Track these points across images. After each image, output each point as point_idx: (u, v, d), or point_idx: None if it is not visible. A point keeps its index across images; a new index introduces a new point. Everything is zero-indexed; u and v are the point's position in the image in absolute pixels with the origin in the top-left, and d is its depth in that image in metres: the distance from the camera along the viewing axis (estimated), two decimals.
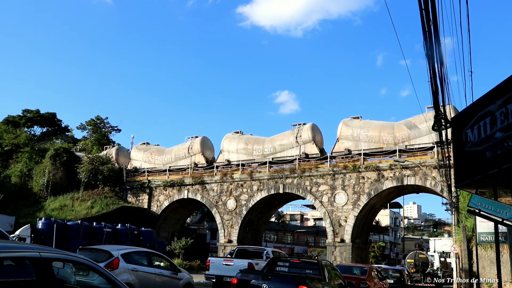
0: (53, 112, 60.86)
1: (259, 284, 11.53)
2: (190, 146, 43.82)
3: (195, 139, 44.21)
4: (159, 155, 46.06)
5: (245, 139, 41.40)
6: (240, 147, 41.07)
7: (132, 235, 32.11)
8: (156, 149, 47.16)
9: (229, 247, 38.72)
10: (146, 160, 46.55)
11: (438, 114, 10.70)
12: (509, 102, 4.98)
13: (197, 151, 43.35)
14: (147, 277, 13.92)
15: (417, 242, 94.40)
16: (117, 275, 11.84)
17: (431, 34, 7.64)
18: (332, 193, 35.57)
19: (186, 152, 43.98)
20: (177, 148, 45.43)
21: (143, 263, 14.32)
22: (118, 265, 13.15)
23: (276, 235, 70.40)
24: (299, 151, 37.61)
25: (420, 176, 32.48)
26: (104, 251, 13.70)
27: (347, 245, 34.40)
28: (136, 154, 47.84)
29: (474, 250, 19.71)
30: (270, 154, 39.14)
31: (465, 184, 6.05)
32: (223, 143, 42.29)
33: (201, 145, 43.54)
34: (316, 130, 38.23)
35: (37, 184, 45.37)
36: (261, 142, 40.36)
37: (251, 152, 40.35)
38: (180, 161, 44.36)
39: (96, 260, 11.31)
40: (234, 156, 41.12)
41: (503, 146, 4.94)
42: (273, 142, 39.55)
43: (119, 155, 48.37)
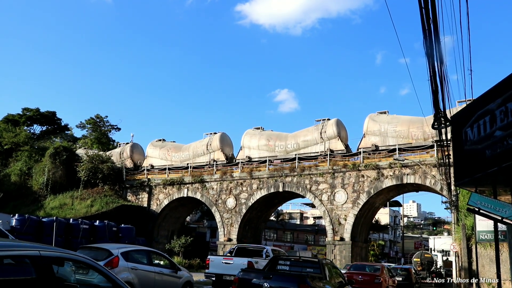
0: (53, 111, 60.87)
1: (260, 283, 11.61)
2: (209, 142, 42.82)
3: (213, 136, 43.09)
4: (176, 152, 45.22)
5: (266, 135, 40.49)
6: (261, 144, 40.18)
7: (111, 232, 31.46)
8: (173, 146, 46.28)
9: (228, 245, 38.73)
10: (162, 157, 45.73)
11: (438, 112, 10.71)
12: (508, 101, 4.98)
13: (216, 147, 42.36)
14: (147, 276, 13.92)
15: (416, 240, 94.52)
16: (116, 273, 11.85)
17: (431, 33, 7.64)
18: (332, 191, 35.59)
19: (205, 149, 43.01)
20: (195, 144, 44.50)
21: (142, 261, 14.33)
22: (118, 263, 13.16)
23: (276, 234, 70.44)
24: (324, 147, 36.74)
25: (419, 175, 32.50)
26: (103, 250, 13.71)
27: (347, 243, 34.42)
28: (152, 151, 46.91)
29: (473, 249, 19.74)
30: (293, 150, 38.34)
31: (464, 183, 6.06)
32: (244, 139, 41.32)
33: (221, 141, 42.56)
34: (341, 126, 37.38)
35: (36, 182, 45.36)
36: (284, 138, 39.50)
37: (273, 149, 39.52)
38: (198, 158, 43.46)
39: (95, 259, 11.19)
40: (255, 153, 40.28)
41: (502, 144, 4.95)
42: (296, 138, 38.71)
43: (133, 152, 47.81)
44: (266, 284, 11.48)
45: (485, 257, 18.83)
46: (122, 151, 47.82)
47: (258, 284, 11.60)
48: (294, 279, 11.36)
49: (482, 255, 18.96)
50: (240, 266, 17.83)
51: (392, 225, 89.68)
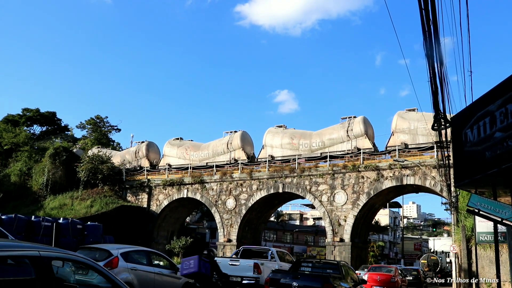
0: (53, 111, 60.85)
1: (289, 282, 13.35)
2: (229, 141, 41.61)
3: (234, 134, 41.95)
4: (195, 151, 44.00)
5: (290, 133, 39.40)
6: (284, 142, 39.07)
7: (75, 230, 30.43)
8: (191, 145, 45.17)
9: (228, 246, 38.74)
10: (180, 156, 44.57)
11: (438, 114, 10.71)
12: (508, 102, 4.98)
13: (237, 146, 41.14)
14: (147, 276, 13.93)
15: (416, 242, 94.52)
16: (116, 274, 11.80)
17: (431, 34, 7.64)
18: (332, 192, 35.59)
19: (225, 148, 41.86)
20: (215, 143, 43.37)
21: (142, 262, 14.33)
22: (118, 264, 13.21)
23: (276, 235, 70.42)
24: (350, 146, 35.81)
25: (419, 176, 32.50)
26: (103, 250, 13.76)
27: (347, 244, 34.41)
28: (169, 150, 45.60)
29: (473, 250, 19.74)
30: (319, 149, 37.35)
31: (464, 184, 6.05)
32: (266, 137, 40.20)
33: (242, 140, 41.37)
34: (367, 124, 36.58)
35: (36, 183, 45.36)
36: (308, 137, 38.41)
37: (297, 147, 38.38)
38: (218, 157, 42.24)
39: (95, 259, 11.99)
40: (278, 152, 39.22)
41: (502, 146, 4.94)
42: (321, 136, 37.62)
43: (149, 151, 46.77)
44: (294, 284, 13.15)
45: (485, 259, 18.83)
46: (137, 150, 46.92)
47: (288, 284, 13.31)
48: (319, 279, 13.04)
49: (482, 257, 18.96)
50: (246, 268, 18.78)
51: (392, 226, 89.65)
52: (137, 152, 46.99)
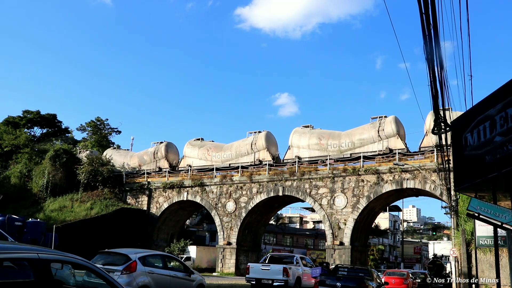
0: (53, 113, 60.92)
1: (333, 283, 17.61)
2: (254, 141, 40.54)
3: (258, 134, 40.84)
4: (217, 152, 42.99)
5: (317, 134, 38.29)
6: (312, 142, 38.01)
7: (12, 227, 29.09)
8: (213, 146, 44.15)
9: (228, 249, 38.73)
10: (201, 157, 43.67)
11: (438, 117, 10.73)
12: (508, 107, 5.00)
13: (262, 147, 40.17)
14: (163, 279, 14.53)
15: (416, 245, 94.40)
16: (135, 277, 13.34)
17: (431, 38, 7.66)
18: (332, 196, 35.59)
19: (249, 148, 40.77)
20: (238, 144, 42.32)
21: (158, 265, 14.95)
22: (136, 268, 13.75)
23: (275, 238, 70.30)
24: (382, 146, 34.92)
25: (419, 180, 32.51)
26: (122, 255, 14.28)
27: (346, 248, 34.39)
28: (190, 151, 44.68)
29: (473, 254, 19.71)
30: (348, 149, 36.34)
31: (464, 188, 6.07)
32: (292, 138, 39.12)
33: (266, 140, 40.29)
34: (399, 123, 35.52)
35: (36, 185, 45.35)
36: (337, 137, 37.36)
37: (325, 148, 37.33)
38: (241, 158, 41.19)
39: (114, 263, 13.61)
40: (305, 152, 38.10)
41: (502, 150, 4.96)
42: (351, 137, 36.61)
43: (168, 151, 46.07)
44: (338, 284, 17.41)
45: (485, 263, 18.81)
46: (156, 151, 46.09)
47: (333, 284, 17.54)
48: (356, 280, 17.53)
49: (481, 261, 18.94)
50: (277, 272, 21.61)
51: (392, 230, 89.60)
52: (156, 153, 46.10)
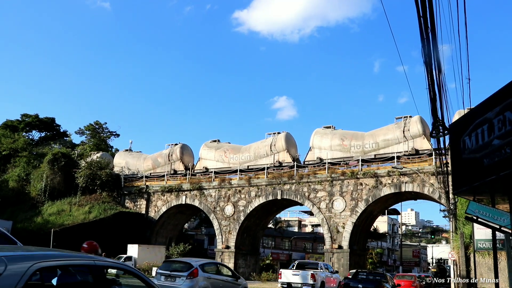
0: (52, 117, 60.92)
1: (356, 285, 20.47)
2: (273, 143, 39.72)
3: (278, 135, 40.05)
4: (235, 154, 42.03)
5: (340, 134, 37.40)
6: (334, 143, 37.11)
7: None
8: (230, 147, 43.25)
9: (226, 253, 38.67)
10: (218, 159, 42.63)
11: (436, 121, 10.74)
12: (506, 110, 5.01)
13: (282, 148, 39.24)
14: (217, 283, 17.30)
15: (415, 249, 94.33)
16: (197, 281, 16.24)
17: (429, 41, 7.68)
18: (330, 199, 35.57)
19: (268, 150, 39.85)
20: (257, 145, 41.35)
21: (213, 271, 17.83)
22: (198, 273, 16.47)
23: (274, 241, 70.23)
24: (407, 147, 33.93)
25: (418, 183, 32.52)
26: (185, 263, 17.27)
27: (345, 251, 34.36)
28: (206, 153, 43.71)
29: (471, 257, 19.71)
30: (372, 150, 35.41)
31: (463, 191, 6.07)
32: (313, 139, 38.18)
33: (286, 141, 39.41)
34: (425, 123, 34.26)
35: (34, 188, 45.29)
36: (360, 138, 36.50)
37: (348, 149, 36.42)
38: (260, 160, 40.25)
39: (179, 270, 16.72)
40: (328, 154, 37.19)
41: (500, 153, 4.96)
42: (375, 137, 35.76)
43: (183, 153, 45.19)
44: (360, 286, 20.17)
45: (483, 266, 18.81)
46: (171, 153, 45.18)
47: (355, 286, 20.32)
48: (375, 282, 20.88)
49: (480, 264, 18.95)
50: (305, 277, 23.94)
51: (390, 233, 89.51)
52: (171, 155, 45.11)
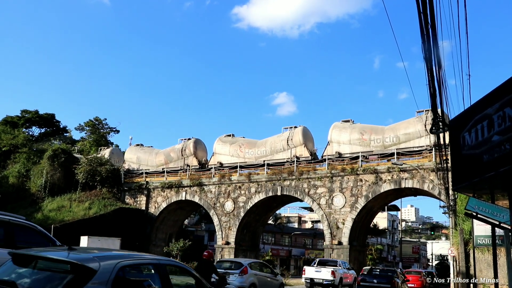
0: (51, 113, 60.87)
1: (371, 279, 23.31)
2: (290, 137, 38.87)
3: (294, 129, 39.22)
4: (250, 148, 41.16)
5: (359, 129, 36.65)
6: (353, 138, 36.35)
7: None
8: (245, 142, 42.31)
9: (226, 249, 38.73)
10: (233, 154, 41.70)
11: (436, 117, 10.74)
12: (506, 106, 5.01)
13: (299, 142, 38.46)
14: (262, 279, 20.77)
15: (414, 245, 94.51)
16: (247, 278, 19.76)
17: (429, 37, 7.67)
18: (330, 195, 35.59)
19: (285, 144, 39.05)
20: (273, 139, 40.58)
21: (258, 269, 21.33)
22: (247, 271, 20.01)
23: (274, 237, 70.31)
24: (429, 141, 33.21)
25: (418, 179, 32.53)
26: (237, 262, 21.27)
27: (345, 247, 34.40)
28: (220, 148, 42.75)
29: (471, 253, 19.75)
30: (393, 144, 34.59)
31: (462, 187, 6.08)
32: (332, 133, 37.43)
33: (303, 135, 38.60)
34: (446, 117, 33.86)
35: (34, 185, 45.31)
36: (380, 132, 35.80)
37: (368, 143, 35.66)
38: (277, 154, 39.58)
39: (232, 268, 20.38)
40: (346, 148, 36.48)
41: (500, 149, 4.97)
42: (395, 131, 35.06)
43: (197, 148, 44.45)
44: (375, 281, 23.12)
45: (483, 262, 18.85)
46: (184, 148, 44.52)
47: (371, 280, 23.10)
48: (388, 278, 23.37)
49: (479, 260, 18.99)
50: (326, 273, 26.82)
51: (390, 229, 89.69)
52: (184, 150, 44.31)
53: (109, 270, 5.22)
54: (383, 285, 22.59)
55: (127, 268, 5.68)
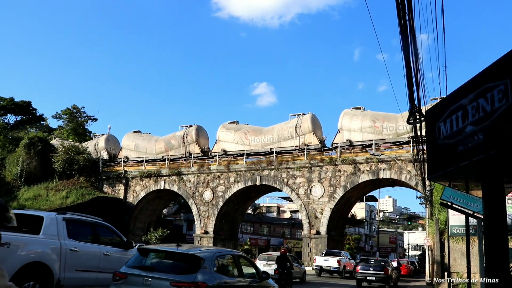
0: (27, 101, 59.85)
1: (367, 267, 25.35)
2: (298, 124, 38.06)
3: (303, 116, 38.35)
4: (256, 136, 40.15)
5: (370, 116, 35.79)
6: (365, 125, 35.65)
7: None
8: (251, 129, 41.16)
9: (205, 238, 38.76)
10: (238, 142, 40.64)
11: (413, 107, 10.85)
12: (480, 97, 5.08)
13: (307, 130, 37.60)
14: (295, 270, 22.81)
15: (392, 235, 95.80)
16: None
17: (407, 28, 7.73)
18: (309, 185, 35.80)
19: (293, 132, 38.14)
20: (280, 127, 39.66)
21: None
22: None
23: (253, 227, 70.53)
24: None
25: (395, 170, 32.91)
26: None
27: (323, 237, 34.71)
28: (224, 135, 41.65)
29: (446, 243, 20.07)
30: (406, 132, 33.55)
31: (437, 176, 6.15)
32: (342, 120, 36.65)
33: (312, 123, 37.77)
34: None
35: (10, 173, 44.66)
36: (393, 119, 34.95)
37: (380, 131, 34.89)
38: (284, 142, 38.63)
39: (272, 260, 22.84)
40: (358, 136, 35.81)
41: (473, 139, 5.04)
42: None
43: (199, 135, 43.11)
44: (371, 269, 25.04)
45: (457, 251, 19.19)
46: (185, 135, 43.23)
47: (367, 268, 25.16)
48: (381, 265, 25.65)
49: (454, 249, 19.31)
50: (334, 262, 31.19)
51: (368, 219, 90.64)
52: (186, 137, 43.18)
53: (211, 258, 8.20)
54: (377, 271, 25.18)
55: (219, 257, 8.68)
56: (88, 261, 10.22)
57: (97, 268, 10.36)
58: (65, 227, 9.97)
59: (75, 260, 9.83)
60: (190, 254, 8.28)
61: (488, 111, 4.82)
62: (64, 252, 9.56)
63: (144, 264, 8.28)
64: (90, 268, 10.21)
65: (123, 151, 46.67)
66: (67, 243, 9.75)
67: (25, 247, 8.91)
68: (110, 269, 9.72)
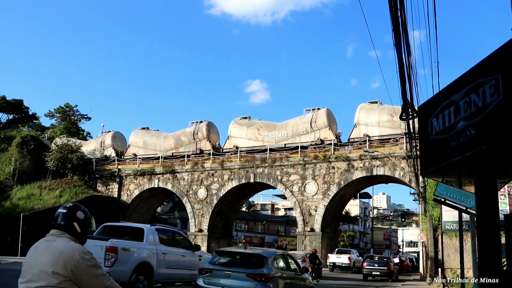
0: (19, 99, 59.53)
1: (372, 264, 29.62)
2: (313, 119, 37.05)
3: (318, 111, 37.47)
4: (270, 131, 39.24)
5: (388, 110, 34.20)
6: (382, 119, 34.76)
7: None
8: (264, 124, 40.26)
9: (199, 236, 38.70)
10: (251, 137, 39.68)
11: (406, 103, 10.85)
12: (472, 92, 5.06)
13: (323, 125, 36.70)
14: None
15: (386, 232, 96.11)
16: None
17: (399, 24, 7.72)
18: (303, 182, 35.81)
19: (308, 127, 37.24)
20: (294, 122, 38.64)
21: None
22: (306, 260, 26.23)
23: (247, 225, 70.56)
24: None
25: (389, 167, 32.97)
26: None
27: (317, 234, 34.75)
28: (236, 131, 40.62)
29: (439, 239, 20.15)
30: None
31: (430, 172, 6.14)
32: (358, 115, 35.82)
33: (328, 117, 36.81)
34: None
35: (2, 172, 44.39)
36: None
37: (398, 125, 33.40)
38: (299, 137, 37.56)
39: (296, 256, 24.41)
40: (375, 131, 34.96)
41: (465, 134, 5.03)
42: None
43: (210, 131, 42.11)
44: (376, 265, 29.27)
45: (451, 247, 19.27)
46: (196, 131, 42.09)
47: (372, 264, 29.56)
48: (385, 261, 29.75)
49: (447, 245, 19.40)
50: (346, 259, 35.43)
51: (362, 216, 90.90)
52: (196, 133, 42.08)
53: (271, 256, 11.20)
54: (381, 267, 29.23)
55: (276, 256, 11.63)
56: (173, 261, 13.84)
57: (178, 266, 14.05)
58: (157, 236, 13.52)
59: (165, 260, 13.40)
60: (257, 254, 11.43)
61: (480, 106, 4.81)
62: (158, 254, 13.09)
63: (222, 262, 11.35)
64: (174, 265, 13.86)
65: (131, 148, 45.79)
66: (160, 248, 13.28)
67: (137, 251, 12.57)
68: (185, 266, 14.27)
